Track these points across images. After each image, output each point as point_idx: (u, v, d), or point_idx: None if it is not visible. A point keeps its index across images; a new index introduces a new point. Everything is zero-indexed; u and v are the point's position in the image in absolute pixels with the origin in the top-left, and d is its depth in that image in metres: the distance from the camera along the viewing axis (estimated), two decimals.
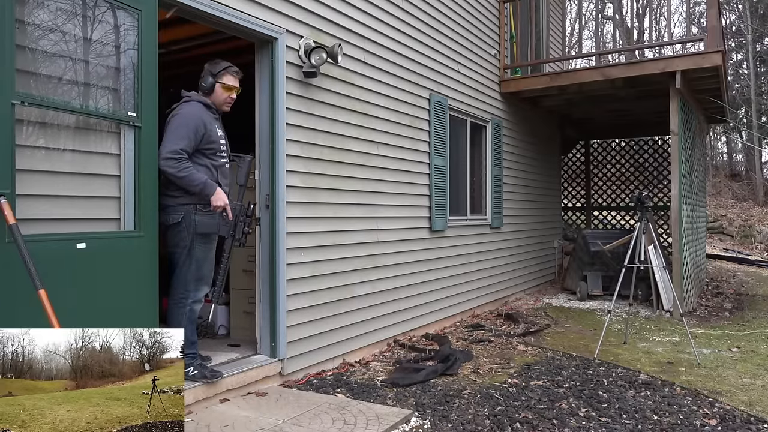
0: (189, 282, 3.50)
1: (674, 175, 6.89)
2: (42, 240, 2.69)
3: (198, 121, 3.44)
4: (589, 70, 7.70)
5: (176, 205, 3.42)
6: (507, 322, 6.53)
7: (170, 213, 3.41)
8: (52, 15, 2.78)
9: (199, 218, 3.44)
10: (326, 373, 4.46)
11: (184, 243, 3.45)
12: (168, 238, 3.47)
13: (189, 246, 3.45)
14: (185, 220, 3.42)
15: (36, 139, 2.76)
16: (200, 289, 3.56)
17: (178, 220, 3.41)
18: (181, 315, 3.50)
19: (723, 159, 27.19)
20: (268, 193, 4.08)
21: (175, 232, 3.45)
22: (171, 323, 3.49)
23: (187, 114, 3.43)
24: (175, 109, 3.52)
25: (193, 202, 3.43)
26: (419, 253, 5.82)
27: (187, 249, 3.46)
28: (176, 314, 3.50)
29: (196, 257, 3.48)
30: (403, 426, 3.37)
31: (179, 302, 3.50)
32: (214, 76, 3.60)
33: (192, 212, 3.43)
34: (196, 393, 3.46)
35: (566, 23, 15.73)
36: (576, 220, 12.25)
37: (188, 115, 3.43)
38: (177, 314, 3.50)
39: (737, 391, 4.15)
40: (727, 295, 8.49)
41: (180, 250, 3.47)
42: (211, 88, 3.60)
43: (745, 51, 23.93)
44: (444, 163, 6.26)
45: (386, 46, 5.35)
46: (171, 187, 3.40)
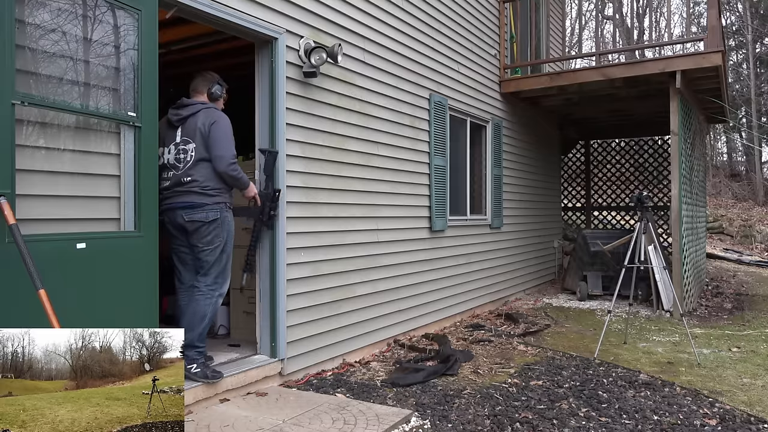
0: (219, 275, 3.68)
1: (674, 175, 6.89)
2: (42, 240, 2.69)
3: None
4: (589, 70, 7.70)
5: (213, 203, 3.61)
6: (507, 322, 6.53)
7: (208, 210, 3.60)
8: (52, 15, 2.78)
9: (229, 216, 3.72)
10: (326, 373, 4.46)
11: (220, 239, 3.65)
12: (199, 234, 3.61)
13: (224, 242, 3.68)
14: (221, 217, 3.64)
15: (36, 139, 2.76)
16: (226, 283, 3.77)
17: (216, 217, 3.61)
18: (208, 305, 3.63)
19: (723, 159, 27.19)
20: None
21: (212, 228, 3.61)
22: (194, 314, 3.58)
23: (227, 122, 3.68)
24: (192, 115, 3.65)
25: (225, 201, 3.68)
26: (419, 253, 5.82)
27: (223, 244, 3.67)
28: (204, 304, 3.61)
29: (227, 252, 3.72)
30: (403, 426, 3.37)
31: (208, 293, 3.65)
32: (222, 87, 3.86)
33: (225, 210, 3.67)
34: (196, 393, 3.46)
35: (566, 23, 15.73)
36: (576, 220, 12.25)
37: (228, 123, 3.69)
38: (205, 304, 3.62)
39: (737, 391, 4.15)
40: (727, 295, 8.49)
41: (214, 246, 3.65)
42: (221, 96, 3.86)
43: (745, 51, 23.94)
44: (444, 163, 6.26)
45: (386, 46, 5.35)
46: (208, 186, 3.59)
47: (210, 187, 3.60)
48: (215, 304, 3.67)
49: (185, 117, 3.66)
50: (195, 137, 3.60)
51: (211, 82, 3.81)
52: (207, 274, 3.66)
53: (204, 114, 3.64)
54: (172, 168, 3.62)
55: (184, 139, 3.63)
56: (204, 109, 3.67)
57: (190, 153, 3.60)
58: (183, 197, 3.57)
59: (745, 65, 24.65)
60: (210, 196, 3.60)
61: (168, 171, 3.62)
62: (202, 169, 3.60)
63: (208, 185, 3.59)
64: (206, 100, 3.78)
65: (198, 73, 3.84)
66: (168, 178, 3.61)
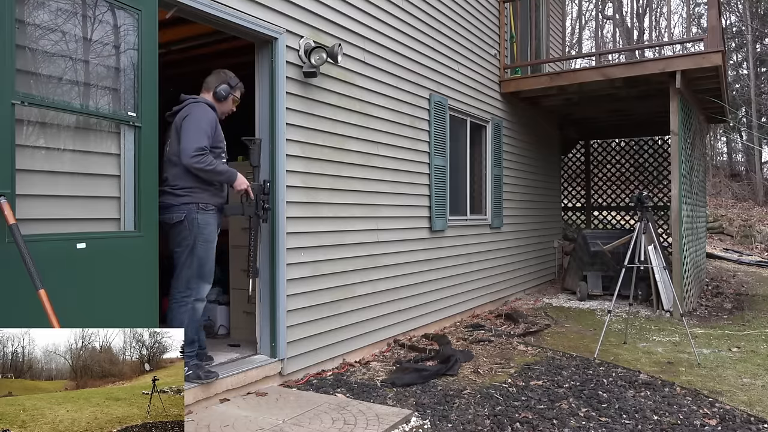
0: (191, 280, 3.52)
1: (674, 175, 6.89)
2: (42, 240, 2.69)
3: (212, 121, 3.54)
4: (589, 70, 7.70)
5: (180, 204, 3.47)
6: (507, 322, 6.53)
7: (173, 212, 3.46)
8: (52, 15, 2.78)
9: (201, 217, 3.50)
10: (326, 373, 4.46)
11: (187, 242, 3.49)
12: (171, 236, 3.52)
13: (192, 245, 3.49)
14: (187, 218, 3.47)
15: (36, 139, 2.76)
16: (202, 288, 3.58)
17: (180, 219, 3.46)
18: (183, 313, 3.51)
19: (723, 159, 27.19)
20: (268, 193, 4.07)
21: (177, 231, 3.49)
22: (172, 322, 3.50)
23: (202, 114, 3.50)
24: (181, 110, 3.56)
25: (196, 201, 3.49)
26: (419, 253, 5.82)
27: (190, 248, 3.49)
28: (177, 312, 3.52)
29: (198, 255, 3.51)
30: (403, 426, 3.37)
31: (181, 300, 3.52)
32: (231, 87, 3.72)
33: (194, 211, 3.48)
34: (195, 393, 3.46)
35: (566, 23, 15.73)
36: (576, 220, 12.25)
37: (203, 114, 3.51)
38: (179, 312, 3.51)
39: (737, 391, 4.15)
40: (727, 295, 8.49)
41: (182, 249, 3.50)
42: (226, 97, 3.71)
43: (745, 51, 23.93)
44: (444, 163, 6.26)
45: (386, 46, 5.35)
46: (177, 186, 3.46)
47: (178, 186, 3.46)
48: (192, 310, 3.52)
49: (174, 113, 3.58)
50: (173, 135, 3.53)
51: (221, 81, 3.69)
52: (178, 278, 3.51)
53: (186, 108, 3.53)
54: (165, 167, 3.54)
55: (170, 136, 3.58)
56: (190, 103, 3.55)
57: (167, 150, 3.54)
58: (161, 198, 3.41)
59: (745, 65, 24.65)
60: (177, 196, 3.46)
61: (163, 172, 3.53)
62: (173, 167, 3.49)
63: (176, 184, 3.46)
64: (210, 98, 3.68)
65: (214, 71, 3.74)
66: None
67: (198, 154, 3.37)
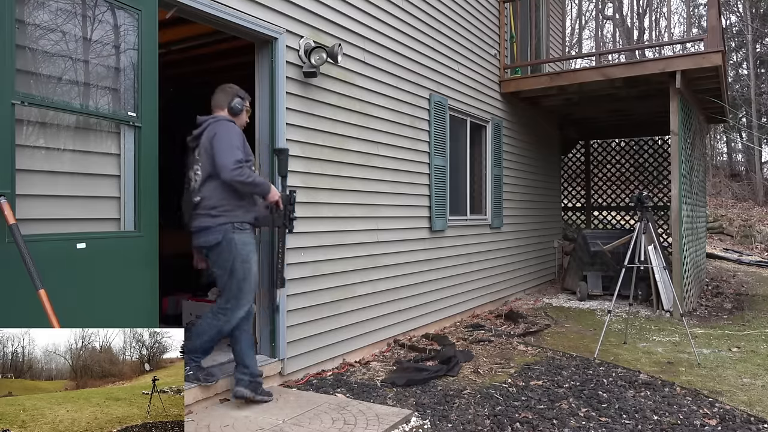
0: (230, 300, 3.47)
1: (674, 175, 6.89)
2: (42, 240, 2.69)
3: (240, 136, 3.52)
4: (589, 70, 7.69)
5: (216, 225, 3.41)
6: (507, 322, 6.53)
7: (211, 234, 3.41)
8: (52, 15, 2.78)
9: (238, 237, 3.45)
10: (326, 373, 4.46)
11: (227, 263, 3.43)
12: (210, 258, 3.50)
13: (231, 266, 3.44)
14: (225, 239, 3.41)
15: (36, 139, 2.76)
16: (237, 310, 3.49)
17: (219, 240, 3.41)
18: (211, 326, 3.48)
19: (723, 159, 27.19)
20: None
21: (217, 253, 3.44)
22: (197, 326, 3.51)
23: (229, 129, 3.46)
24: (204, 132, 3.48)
25: (232, 221, 3.44)
26: (419, 253, 5.82)
27: (229, 269, 3.44)
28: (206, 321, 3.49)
29: (237, 278, 3.46)
30: (403, 426, 3.37)
31: (216, 314, 3.49)
32: (242, 99, 3.66)
33: (230, 231, 3.42)
34: (195, 393, 3.46)
35: (566, 23, 15.73)
36: (576, 220, 12.25)
37: (231, 130, 3.47)
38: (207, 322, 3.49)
39: (737, 391, 4.15)
40: (727, 295, 8.49)
41: (222, 271, 3.46)
42: (241, 110, 3.65)
43: (745, 51, 23.94)
44: (444, 163, 6.26)
45: (386, 46, 5.35)
46: (212, 206, 3.42)
47: (214, 206, 3.42)
48: (220, 327, 3.47)
49: (197, 136, 3.50)
50: (201, 154, 3.46)
51: (232, 96, 3.59)
52: (221, 296, 3.53)
53: (210, 128, 3.47)
54: (194, 190, 3.49)
55: (197, 159, 3.49)
56: (213, 123, 3.48)
57: (198, 173, 3.47)
58: (195, 221, 3.44)
59: (745, 65, 24.65)
60: (213, 217, 3.41)
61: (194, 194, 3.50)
62: (208, 187, 3.44)
63: (213, 205, 3.42)
64: (227, 114, 3.57)
65: (218, 88, 3.65)
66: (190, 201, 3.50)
67: (238, 167, 3.33)
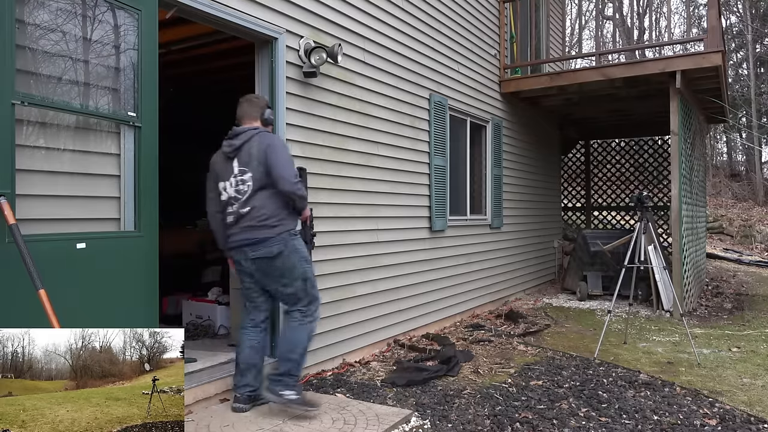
0: (308, 301, 3.52)
1: (674, 175, 6.89)
2: (42, 240, 2.69)
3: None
4: (589, 70, 7.69)
5: (275, 235, 3.39)
6: (507, 322, 6.53)
7: (273, 244, 3.38)
8: (52, 15, 2.78)
9: (295, 242, 3.49)
10: (326, 373, 4.46)
11: (294, 269, 3.45)
12: (271, 269, 3.43)
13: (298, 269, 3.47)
14: (286, 247, 3.42)
15: (36, 139, 2.76)
16: (316, 305, 3.57)
17: (282, 249, 3.40)
18: (303, 333, 3.49)
19: (723, 159, 27.19)
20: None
21: (281, 262, 3.42)
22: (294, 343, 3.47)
23: (281, 143, 3.55)
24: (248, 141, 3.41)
25: (289, 229, 3.45)
26: (419, 253, 5.82)
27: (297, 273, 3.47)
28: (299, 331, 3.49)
29: (306, 277, 3.51)
30: (403, 426, 3.37)
31: (302, 320, 3.50)
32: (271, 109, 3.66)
33: (288, 238, 3.44)
34: (195, 393, 3.46)
35: (566, 23, 15.73)
36: (576, 220, 12.25)
37: (283, 143, 3.57)
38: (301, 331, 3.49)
39: (737, 391, 4.15)
40: (727, 295, 8.49)
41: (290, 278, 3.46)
42: (273, 122, 3.69)
43: (745, 51, 23.94)
44: (444, 163, 6.26)
45: (386, 46, 5.35)
46: (267, 217, 3.38)
47: (270, 217, 3.38)
48: (312, 328, 3.54)
49: (239, 146, 3.41)
50: (251, 165, 3.37)
51: (263, 107, 3.55)
52: (296, 303, 3.50)
53: (258, 139, 3.41)
54: (234, 202, 3.41)
55: (242, 170, 3.39)
56: (257, 134, 3.43)
57: (248, 183, 3.38)
58: (246, 233, 3.37)
59: (745, 66, 24.65)
60: (271, 227, 3.38)
61: (231, 206, 3.42)
62: (261, 198, 3.38)
63: (268, 215, 3.37)
64: (260, 125, 3.51)
65: (243, 99, 3.59)
66: (232, 212, 3.42)
67: (298, 181, 3.40)
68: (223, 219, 3.49)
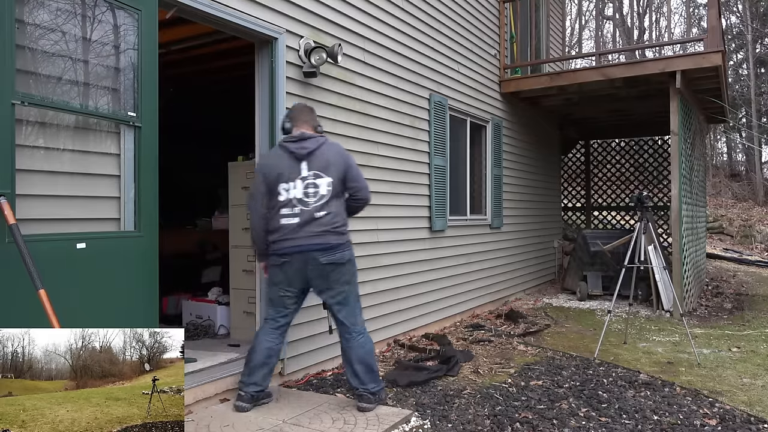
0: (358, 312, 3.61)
1: (674, 175, 6.89)
2: (42, 240, 2.69)
3: None
4: (589, 70, 7.70)
5: (346, 242, 3.50)
6: (507, 322, 6.53)
7: (343, 250, 3.47)
8: (52, 15, 2.78)
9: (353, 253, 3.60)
10: (326, 372, 4.46)
11: (354, 279, 3.58)
12: (334, 275, 3.46)
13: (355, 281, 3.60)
14: (351, 255, 3.54)
15: (36, 139, 2.76)
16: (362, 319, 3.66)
17: (352, 257, 3.54)
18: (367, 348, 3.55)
19: (723, 159, 27.20)
20: None
21: (346, 269, 3.50)
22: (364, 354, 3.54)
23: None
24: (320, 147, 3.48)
25: (349, 239, 3.56)
26: (419, 253, 5.82)
27: (354, 283, 3.59)
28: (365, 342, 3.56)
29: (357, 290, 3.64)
30: (403, 426, 3.37)
31: (362, 332, 3.57)
32: None
33: (351, 248, 3.56)
34: (195, 393, 3.47)
35: (566, 23, 15.73)
36: (576, 220, 12.25)
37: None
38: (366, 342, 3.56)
39: (737, 391, 4.15)
40: (727, 295, 8.49)
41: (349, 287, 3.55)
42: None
43: (745, 51, 23.94)
44: (444, 163, 6.26)
45: (386, 46, 5.35)
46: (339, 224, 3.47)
47: (342, 224, 3.48)
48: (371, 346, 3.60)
49: (312, 150, 3.45)
50: (329, 172, 3.42)
51: (315, 117, 3.66)
52: (354, 314, 3.55)
53: (329, 147, 3.51)
54: (299, 204, 3.39)
55: (315, 173, 3.42)
56: (326, 142, 3.54)
57: (326, 188, 3.42)
58: (319, 238, 3.38)
59: (745, 66, 24.65)
60: (341, 234, 3.46)
61: (294, 207, 3.39)
62: (336, 205, 3.45)
63: (341, 223, 3.47)
64: (313, 132, 3.58)
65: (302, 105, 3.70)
66: (296, 214, 3.39)
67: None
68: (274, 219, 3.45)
